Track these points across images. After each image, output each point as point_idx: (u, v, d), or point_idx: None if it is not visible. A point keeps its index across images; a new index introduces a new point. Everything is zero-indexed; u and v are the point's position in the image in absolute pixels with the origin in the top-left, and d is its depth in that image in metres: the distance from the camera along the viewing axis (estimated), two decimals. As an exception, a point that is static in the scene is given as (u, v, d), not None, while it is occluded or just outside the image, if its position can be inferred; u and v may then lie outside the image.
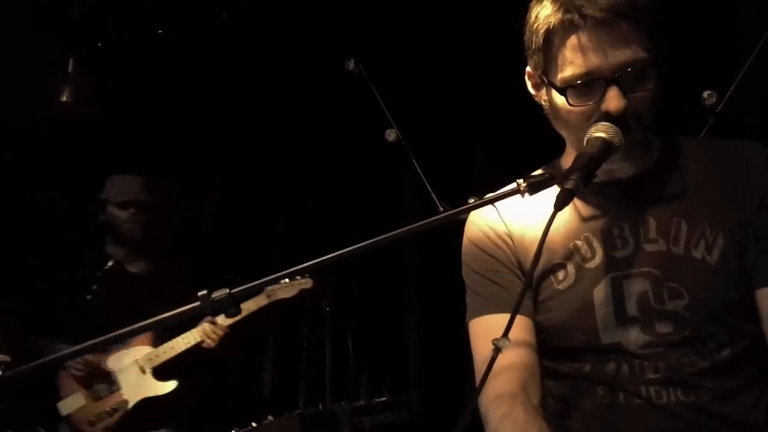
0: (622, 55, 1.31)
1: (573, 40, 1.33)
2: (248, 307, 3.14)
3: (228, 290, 1.29)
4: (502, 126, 3.27)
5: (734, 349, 1.36)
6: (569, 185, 1.23)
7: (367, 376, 3.47)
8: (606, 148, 1.30)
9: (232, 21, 3.74)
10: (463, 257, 1.52)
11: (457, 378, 3.19)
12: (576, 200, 1.43)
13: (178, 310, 1.33)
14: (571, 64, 1.33)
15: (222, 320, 3.19)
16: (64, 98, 3.46)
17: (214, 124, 3.93)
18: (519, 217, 1.46)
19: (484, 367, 1.17)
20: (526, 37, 1.42)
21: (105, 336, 1.36)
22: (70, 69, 3.48)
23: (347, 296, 3.48)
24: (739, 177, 1.39)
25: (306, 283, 3.20)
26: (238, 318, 3.08)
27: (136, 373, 3.20)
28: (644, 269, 1.38)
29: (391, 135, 2.61)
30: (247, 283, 1.33)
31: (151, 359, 3.20)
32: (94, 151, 3.72)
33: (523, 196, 1.28)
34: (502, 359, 1.25)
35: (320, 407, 2.95)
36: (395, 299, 3.55)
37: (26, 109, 3.53)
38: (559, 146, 1.52)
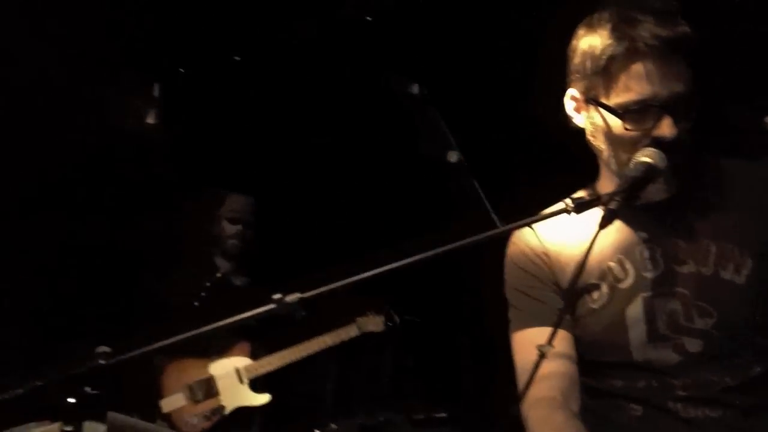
0: (677, 86, 1.40)
1: (634, 68, 1.41)
2: (340, 335, 3.41)
3: (299, 294, 1.43)
4: (555, 146, 3.36)
5: (762, 367, 1.43)
6: (613, 206, 1.32)
7: (425, 389, 3.58)
8: (651, 172, 1.39)
9: (299, 44, 3.91)
10: (505, 276, 1.63)
11: (511, 395, 3.25)
12: (616, 222, 1.48)
13: (254, 312, 1.47)
14: (631, 90, 1.41)
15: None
16: (149, 120, 3.71)
17: (283, 142, 4.12)
18: (555, 237, 1.55)
19: (526, 376, 1.29)
20: (575, 62, 1.50)
21: (188, 333, 1.49)
22: (155, 93, 3.73)
23: (407, 312, 3.61)
24: (766, 196, 1.45)
25: (394, 319, 3.44)
26: (331, 345, 3.40)
27: (235, 381, 3.39)
28: (675, 289, 1.46)
29: (453, 156, 2.74)
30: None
31: (249, 370, 3.41)
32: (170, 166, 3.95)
33: (569, 214, 1.37)
34: (544, 368, 1.34)
35: (379, 418, 3.07)
36: (453, 314, 3.65)
37: (110, 126, 3.75)
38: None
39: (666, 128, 1.40)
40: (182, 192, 3.78)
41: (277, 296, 1.43)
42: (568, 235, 1.53)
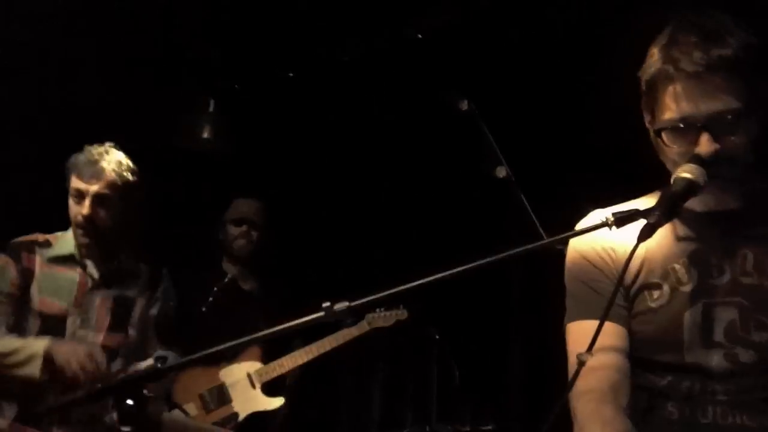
0: (713, 105, 1.44)
1: (670, 89, 1.48)
2: (351, 332, 3.40)
3: (347, 302, 1.48)
4: (604, 158, 3.37)
5: None
6: (652, 220, 1.37)
7: (472, 401, 3.59)
8: (689, 187, 1.42)
9: (351, 61, 3.99)
10: (568, 264, 1.66)
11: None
12: (678, 226, 1.56)
13: (302, 320, 1.52)
14: (669, 110, 1.49)
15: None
16: (204, 134, 3.82)
17: (327, 154, 4.20)
18: (625, 233, 1.54)
19: (575, 368, 1.33)
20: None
21: (228, 344, 1.54)
22: (210, 108, 3.85)
23: (454, 323, 3.63)
24: None
25: (402, 314, 3.45)
26: (342, 343, 3.40)
27: (247, 386, 3.40)
28: (736, 299, 1.48)
29: (501, 172, 2.77)
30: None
31: (261, 375, 3.41)
32: (220, 178, 4.05)
33: (610, 229, 1.41)
34: (596, 360, 1.40)
35: (426, 429, 3.10)
36: (500, 327, 3.67)
37: (163, 140, 3.88)
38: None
39: (704, 146, 1.45)
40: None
41: (325, 304, 1.48)
42: (636, 229, 1.52)
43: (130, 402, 1.47)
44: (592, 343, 1.32)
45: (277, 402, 3.42)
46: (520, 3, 3.49)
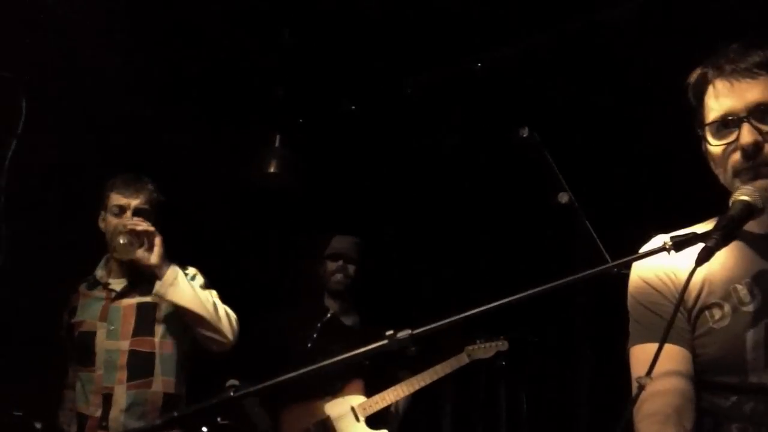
0: (753, 95, 1.48)
1: (710, 90, 1.54)
2: (451, 364, 3.46)
3: (410, 331, 1.51)
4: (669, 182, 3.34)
5: None
6: (710, 243, 1.37)
7: (540, 425, 3.57)
8: (748, 210, 1.43)
9: (412, 91, 4.06)
10: (630, 289, 1.66)
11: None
12: (740, 247, 1.56)
13: (366, 348, 1.56)
14: (712, 110, 1.53)
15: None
16: (271, 169, 3.93)
17: (395, 185, 4.27)
18: (686, 259, 1.54)
19: (643, 393, 1.35)
20: None
21: (305, 369, 1.58)
22: (276, 144, 3.96)
23: (522, 357, 3.62)
24: None
25: (502, 345, 3.46)
26: (442, 375, 3.45)
27: (352, 420, 3.46)
28: None
29: (564, 197, 2.78)
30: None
31: (365, 408, 3.47)
32: (296, 213, 4.15)
33: (669, 253, 1.42)
34: (659, 384, 1.43)
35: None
36: (568, 360, 3.64)
37: (234, 176, 4.00)
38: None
39: (745, 136, 1.48)
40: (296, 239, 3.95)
41: (389, 333, 1.52)
42: (696, 250, 1.51)
43: (204, 429, 1.54)
44: (651, 367, 1.32)
45: None
46: (580, 38, 3.51)
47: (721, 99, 1.51)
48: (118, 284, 2.97)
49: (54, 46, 3.33)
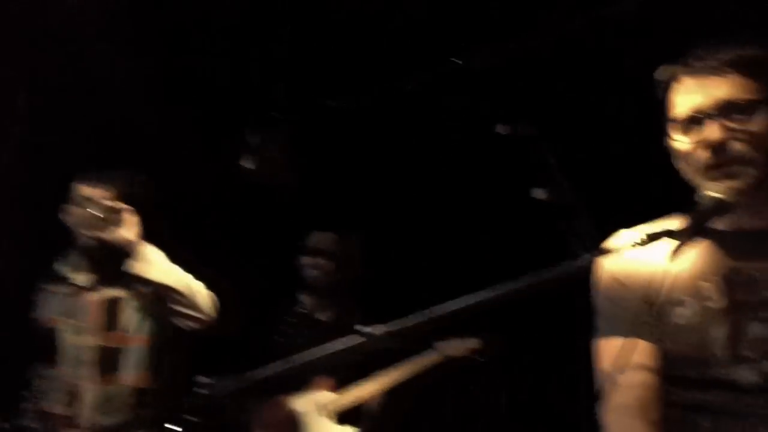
0: (722, 93, 1.49)
1: (679, 87, 1.55)
2: (423, 362, 3.44)
3: (384, 327, 1.51)
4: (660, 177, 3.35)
5: None
6: (680, 239, 1.41)
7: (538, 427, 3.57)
8: (718, 206, 1.46)
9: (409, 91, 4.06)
10: (597, 283, 1.68)
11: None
12: (710, 245, 1.58)
13: (341, 344, 1.56)
14: (679, 105, 1.55)
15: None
16: (254, 166, 3.91)
17: (380, 181, 4.27)
18: (650, 253, 1.58)
19: (609, 386, 1.42)
20: None
21: (283, 366, 1.59)
22: (260, 140, 3.94)
23: (503, 355, 3.62)
24: None
25: (474, 343, 3.46)
26: (413, 373, 3.43)
27: (320, 416, 3.45)
28: (763, 313, 1.49)
29: (541, 194, 2.80)
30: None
31: (335, 404, 3.46)
32: (279, 209, 4.15)
33: (641, 246, 1.44)
34: (626, 378, 1.48)
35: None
36: (565, 350, 3.65)
37: (226, 173, 3.98)
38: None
39: (713, 132, 1.49)
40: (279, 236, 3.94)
41: (362, 328, 1.52)
42: (665, 247, 1.56)
43: (177, 429, 1.53)
44: (620, 361, 1.33)
45: (349, 431, 3.46)
46: (569, 36, 3.52)
47: (689, 95, 1.52)
48: (82, 278, 2.91)
49: (45, 44, 3.31)
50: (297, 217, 4.10)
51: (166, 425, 1.55)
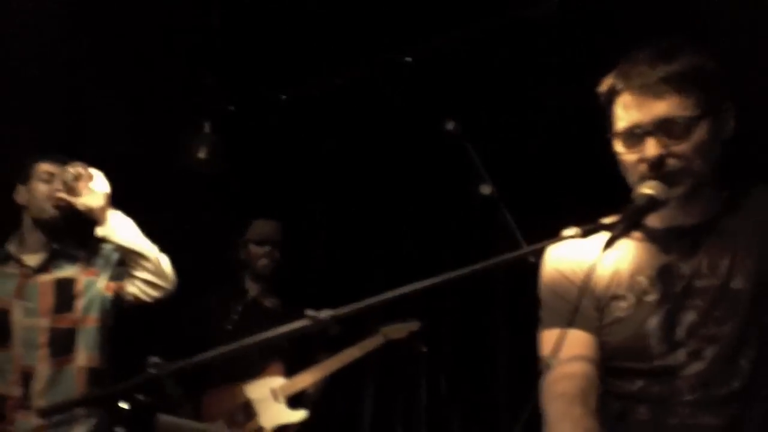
0: (659, 110, 1.54)
1: (620, 100, 1.60)
2: (367, 345, 3.54)
3: (331, 311, 1.56)
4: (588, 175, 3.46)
5: (765, 370, 1.53)
6: (614, 232, 1.48)
7: (460, 417, 3.67)
8: (651, 202, 1.53)
9: (344, 84, 4.10)
10: (542, 278, 1.75)
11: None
12: (646, 242, 1.66)
13: (288, 328, 1.61)
14: (620, 120, 1.60)
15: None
16: (200, 155, 3.93)
17: (324, 172, 4.31)
18: (595, 251, 1.62)
19: (551, 375, 1.49)
20: None
21: (227, 348, 1.61)
22: (206, 130, 3.96)
23: (442, 340, 3.73)
24: None
25: (414, 325, 3.57)
26: (359, 356, 3.53)
27: (272, 401, 3.52)
28: (694, 302, 1.58)
29: (486, 189, 2.88)
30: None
31: (285, 389, 3.53)
32: (222, 197, 4.17)
33: (581, 237, 1.53)
34: (567, 368, 1.55)
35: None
36: (487, 342, 3.75)
37: (166, 161, 3.98)
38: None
39: (649, 149, 1.55)
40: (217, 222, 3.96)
41: (310, 313, 1.57)
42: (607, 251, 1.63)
43: (124, 406, 1.55)
44: (557, 349, 1.40)
45: (301, 414, 3.53)
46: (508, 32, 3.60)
47: (629, 111, 1.57)
48: (33, 259, 2.90)
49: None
50: (236, 205, 4.13)
51: (117, 403, 1.57)
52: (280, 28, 3.84)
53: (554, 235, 1.72)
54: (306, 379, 3.55)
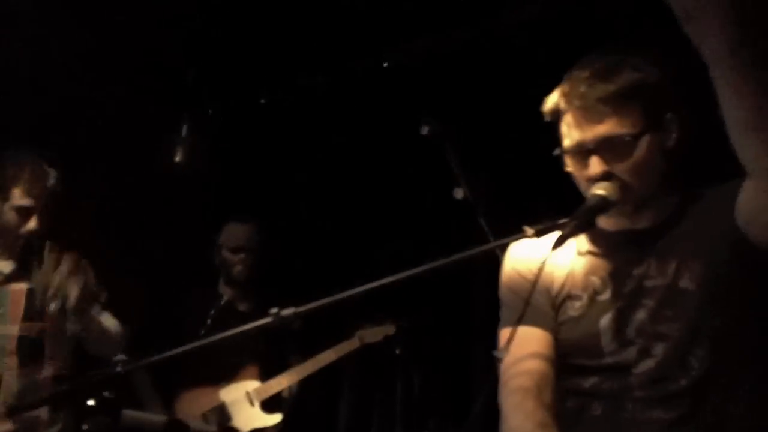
0: (600, 130, 1.60)
1: (564, 119, 1.66)
2: (342, 348, 3.55)
3: (294, 309, 1.60)
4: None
5: (713, 369, 1.57)
6: (565, 231, 1.53)
7: (435, 418, 3.70)
8: (602, 202, 1.59)
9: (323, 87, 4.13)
10: (502, 278, 1.81)
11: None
12: (598, 244, 1.73)
13: (250, 325, 1.65)
14: (565, 138, 1.66)
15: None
16: (177, 158, 3.95)
17: (301, 173, 4.35)
18: (554, 253, 1.65)
19: (508, 371, 1.58)
20: None
21: (191, 345, 1.65)
22: (183, 132, 3.98)
23: (416, 342, 3.75)
24: (723, 221, 1.59)
25: (390, 329, 3.59)
26: (335, 359, 3.54)
27: (247, 405, 3.51)
28: (643, 301, 1.63)
29: (459, 193, 2.92)
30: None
31: (260, 393, 3.53)
32: (201, 199, 4.19)
33: (536, 237, 1.57)
34: (523, 364, 1.61)
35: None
36: (462, 343, 3.79)
37: (142, 163, 3.99)
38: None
39: (591, 167, 1.62)
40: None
41: (273, 310, 1.61)
42: (566, 248, 1.69)
43: (90, 402, 1.59)
44: (508, 344, 1.49)
45: (276, 418, 3.54)
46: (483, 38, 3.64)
47: (572, 130, 1.64)
48: (4, 266, 2.88)
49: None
50: (214, 207, 4.14)
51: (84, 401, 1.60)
52: (259, 31, 3.85)
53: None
54: (281, 383, 3.55)
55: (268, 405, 3.55)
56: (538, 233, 1.57)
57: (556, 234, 1.56)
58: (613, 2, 3.24)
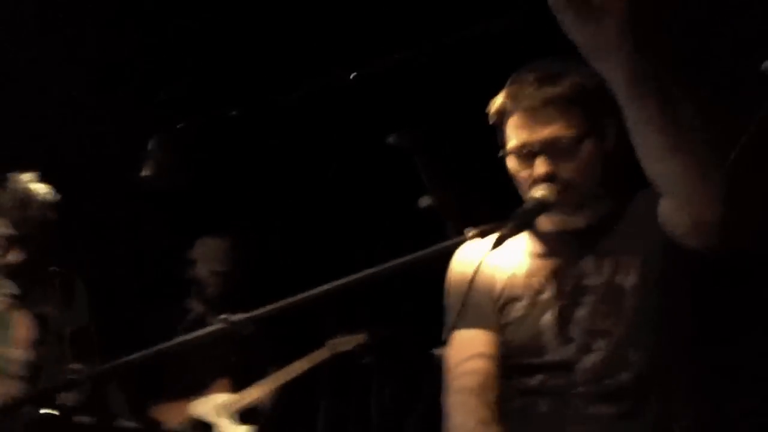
0: (546, 132, 1.65)
1: (510, 121, 1.71)
2: (313, 358, 3.57)
3: (244, 314, 1.62)
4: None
5: (653, 365, 1.61)
6: (503, 232, 1.57)
7: (412, 424, 3.72)
8: (540, 205, 1.65)
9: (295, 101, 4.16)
10: (448, 281, 1.85)
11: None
12: (538, 245, 1.78)
13: (204, 331, 1.67)
14: (511, 139, 1.71)
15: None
16: (146, 172, 3.95)
17: (272, 185, 4.38)
18: (496, 254, 1.71)
19: (454, 372, 1.63)
20: None
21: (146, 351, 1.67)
22: (150, 147, 3.98)
23: (388, 351, 3.78)
24: (653, 222, 1.64)
25: (360, 338, 3.61)
26: (307, 369, 3.56)
27: (220, 417, 3.54)
28: (583, 299, 1.68)
29: (423, 201, 2.95)
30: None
31: (232, 405, 3.56)
32: (169, 213, 4.20)
33: (482, 237, 1.60)
34: (466, 365, 1.66)
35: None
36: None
37: (113, 177, 4.00)
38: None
39: (537, 167, 1.67)
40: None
41: (223, 316, 1.63)
42: (509, 251, 1.76)
43: (44, 411, 1.59)
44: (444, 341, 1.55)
45: (244, 430, 3.55)
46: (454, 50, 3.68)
47: (518, 131, 1.68)
48: (14, 288, 2.88)
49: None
50: (184, 222, 4.16)
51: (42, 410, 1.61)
52: (229, 44, 3.89)
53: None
54: (254, 394, 3.58)
55: (245, 417, 3.57)
56: (483, 235, 1.60)
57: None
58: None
